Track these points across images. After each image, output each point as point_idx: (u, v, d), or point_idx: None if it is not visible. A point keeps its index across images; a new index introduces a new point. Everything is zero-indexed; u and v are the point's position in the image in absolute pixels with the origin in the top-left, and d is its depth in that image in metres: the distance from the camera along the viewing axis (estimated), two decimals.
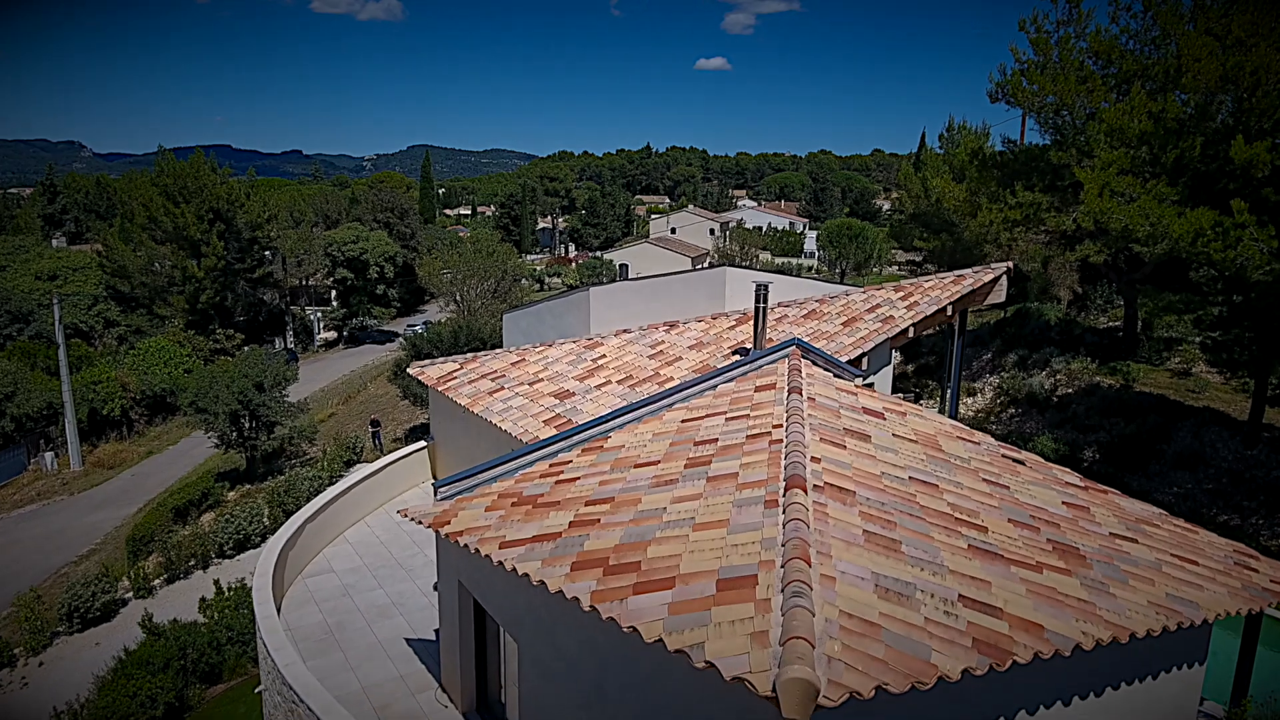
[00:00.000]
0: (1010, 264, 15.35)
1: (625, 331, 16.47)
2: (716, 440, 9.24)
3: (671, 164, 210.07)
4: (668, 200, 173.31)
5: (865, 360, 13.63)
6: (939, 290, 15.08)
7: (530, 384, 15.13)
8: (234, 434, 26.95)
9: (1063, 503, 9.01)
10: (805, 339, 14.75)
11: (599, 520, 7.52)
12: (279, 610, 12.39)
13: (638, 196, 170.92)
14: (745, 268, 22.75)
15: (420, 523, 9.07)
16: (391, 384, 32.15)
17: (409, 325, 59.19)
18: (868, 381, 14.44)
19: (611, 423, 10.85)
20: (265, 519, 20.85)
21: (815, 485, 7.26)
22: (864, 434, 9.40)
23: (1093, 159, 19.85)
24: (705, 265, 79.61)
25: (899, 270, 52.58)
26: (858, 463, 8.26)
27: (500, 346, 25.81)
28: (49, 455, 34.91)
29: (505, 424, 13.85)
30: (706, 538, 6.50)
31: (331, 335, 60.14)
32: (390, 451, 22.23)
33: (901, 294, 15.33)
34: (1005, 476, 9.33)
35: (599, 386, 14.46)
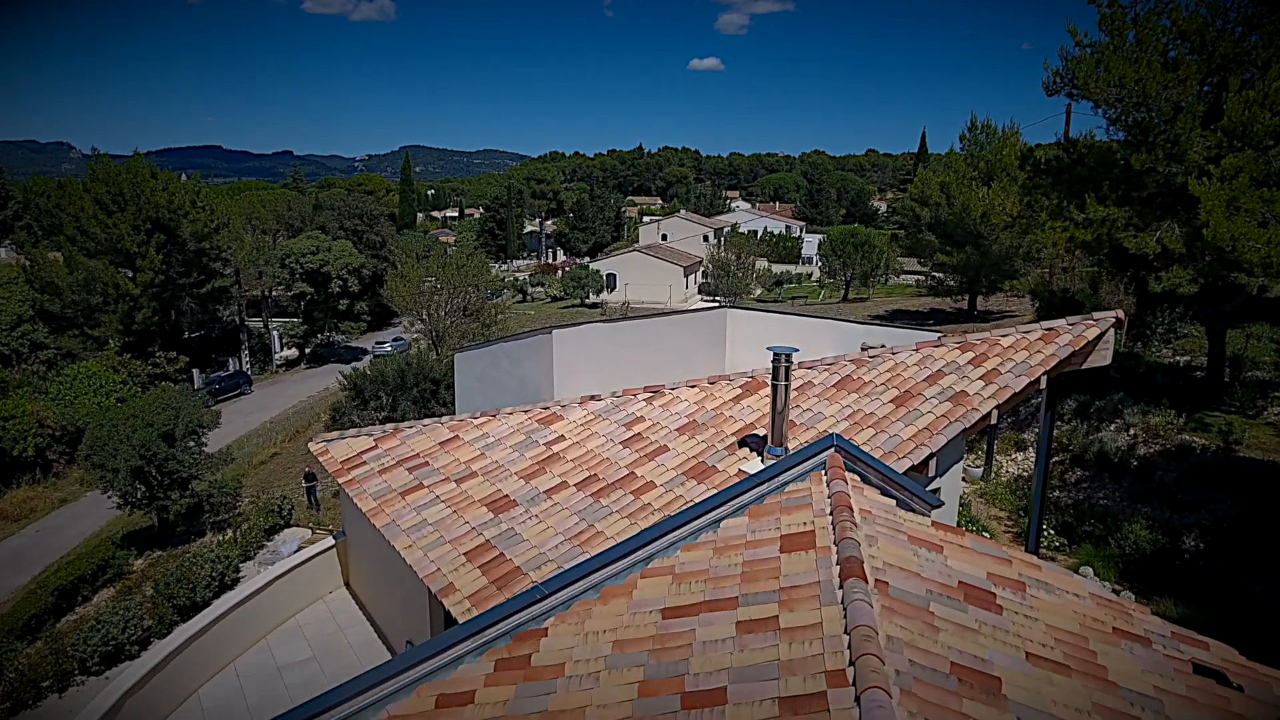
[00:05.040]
0: (1119, 313, 11.16)
1: (593, 399, 12.19)
2: (725, 696, 4.94)
3: (664, 164, 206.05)
4: (660, 201, 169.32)
5: (933, 462, 9.41)
6: (1025, 352, 10.86)
7: (459, 480, 10.85)
8: (140, 493, 22.58)
9: None
10: (844, 426, 10.54)
11: None
12: None
13: (629, 198, 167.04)
14: (749, 309, 18.49)
15: None
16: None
17: (378, 342, 54.72)
18: (934, 488, 10.23)
19: (553, 598, 6.53)
20: (145, 619, 16.47)
21: None
22: (988, 675, 4.98)
23: (1183, 163, 15.72)
24: (699, 273, 75.30)
25: (916, 282, 48.28)
26: None
27: (453, 385, 21.71)
28: None
29: (413, 554, 9.59)
30: None
31: (293, 353, 55.44)
32: (322, 537, 17.99)
33: (971, 356, 11.09)
34: None
35: (550, 491, 10.21)
